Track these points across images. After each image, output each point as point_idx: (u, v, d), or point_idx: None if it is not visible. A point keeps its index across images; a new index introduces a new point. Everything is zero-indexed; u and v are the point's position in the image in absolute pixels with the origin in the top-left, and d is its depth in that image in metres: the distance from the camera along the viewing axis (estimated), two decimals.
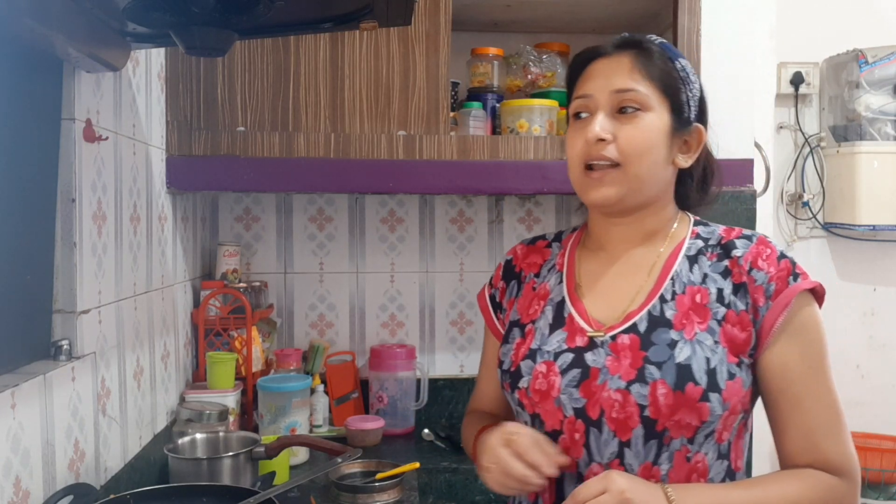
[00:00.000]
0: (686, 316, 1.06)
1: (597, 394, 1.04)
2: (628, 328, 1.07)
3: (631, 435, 1.03)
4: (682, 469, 1.04)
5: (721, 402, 1.01)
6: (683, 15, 1.88)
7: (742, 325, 1.05)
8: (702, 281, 1.08)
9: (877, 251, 2.67)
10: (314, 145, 1.82)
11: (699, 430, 1.03)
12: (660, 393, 1.01)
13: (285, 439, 1.59)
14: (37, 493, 1.12)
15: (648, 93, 1.09)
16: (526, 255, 1.27)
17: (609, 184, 1.08)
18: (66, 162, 1.26)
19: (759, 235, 1.10)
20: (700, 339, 1.04)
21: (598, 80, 1.11)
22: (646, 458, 1.03)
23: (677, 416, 1.01)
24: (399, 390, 2.14)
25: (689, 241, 1.13)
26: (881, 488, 2.43)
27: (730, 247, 1.09)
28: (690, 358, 1.02)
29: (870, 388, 2.68)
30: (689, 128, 1.12)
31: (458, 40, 1.96)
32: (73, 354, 1.26)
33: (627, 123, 1.08)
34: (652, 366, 1.03)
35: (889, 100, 2.50)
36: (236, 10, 1.12)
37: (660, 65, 1.11)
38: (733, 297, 1.06)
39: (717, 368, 1.02)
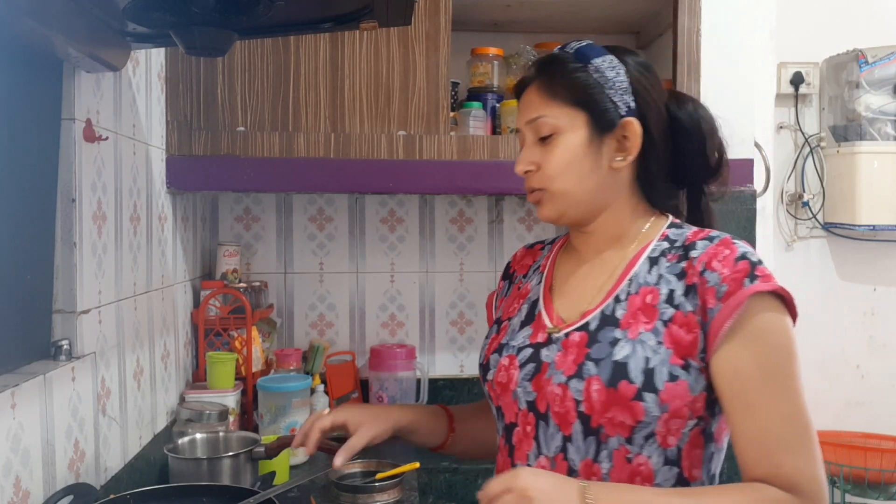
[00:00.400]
0: (634, 316, 1.05)
1: (544, 388, 1.07)
2: (581, 326, 1.09)
3: (572, 430, 1.05)
4: (623, 470, 1.03)
5: (658, 403, 0.99)
6: (683, 15, 1.88)
7: (688, 326, 1.02)
8: (656, 282, 1.07)
9: (877, 251, 2.67)
10: (314, 145, 1.82)
11: (636, 431, 1.01)
12: (593, 389, 1.02)
13: (285, 439, 1.58)
14: (37, 493, 1.12)
15: (557, 113, 1.10)
16: (522, 258, 1.31)
17: (544, 205, 1.14)
18: (66, 162, 1.26)
19: (724, 236, 1.06)
20: (643, 338, 1.03)
21: (520, 113, 1.16)
22: (586, 454, 1.04)
23: (610, 413, 1.01)
24: (399, 390, 2.14)
25: (655, 242, 1.12)
26: (881, 488, 2.43)
27: (689, 248, 1.07)
28: (629, 356, 1.02)
29: (870, 388, 2.69)
30: (613, 128, 1.10)
31: (458, 40, 1.96)
32: (73, 354, 1.26)
33: (547, 149, 1.12)
34: (590, 362, 1.04)
35: (889, 100, 2.50)
36: (236, 10, 1.12)
37: (566, 80, 1.11)
38: (683, 299, 1.03)
39: (657, 369, 1.00)
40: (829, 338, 2.66)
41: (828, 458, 2.43)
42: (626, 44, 2.34)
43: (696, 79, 1.89)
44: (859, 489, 2.45)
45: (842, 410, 2.66)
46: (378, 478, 1.62)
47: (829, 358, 2.66)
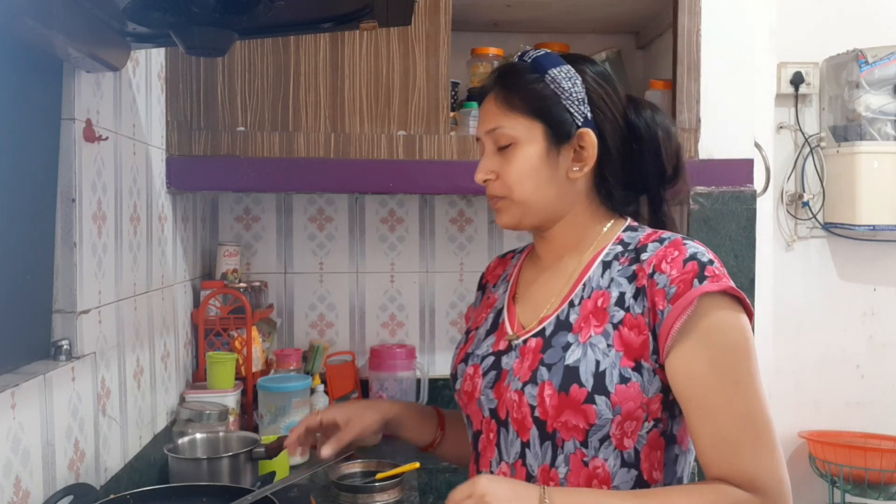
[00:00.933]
0: (585, 319, 1.06)
1: (504, 395, 1.09)
2: (538, 332, 1.10)
3: (529, 436, 1.05)
4: (580, 473, 1.03)
5: (609, 405, 1.00)
6: (683, 15, 1.88)
7: (638, 328, 1.02)
8: (608, 285, 1.08)
9: (877, 251, 2.67)
10: (314, 145, 1.82)
11: (589, 434, 1.02)
12: (546, 394, 1.03)
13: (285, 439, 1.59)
14: (37, 493, 1.12)
15: (514, 124, 1.11)
16: (495, 268, 1.32)
17: (503, 212, 1.15)
18: (66, 162, 1.26)
19: (675, 238, 1.06)
20: (593, 342, 1.03)
21: (479, 124, 1.16)
22: (543, 459, 1.04)
23: (563, 417, 1.02)
24: (399, 390, 2.14)
25: (610, 246, 1.12)
26: (881, 488, 2.43)
27: (640, 251, 1.07)
28: (579, 360, 1.02)
29: (870, 388, 2.68)
30: (570, 139, 1.11)
31: (458, 40, 1.96)
32: (73, 354, 1.26)
33: (505, 159, 1.12)
34: (543, 367, 1.04)
35: (889, 100, 2.50)
36: (236, 10, 1.12)
37: (523, 91, 1.11)
38: (633, 301, 1.04)
39: (607, 371, 1.00)
40: (829, 338, 2.66)
41: (827, 457, 2.46)
42: (626, 44, 2.35)
43: (696, 79, 1.89)
44: (859, 489, 2.45)
45: (842, 410, 2.66)
46: (378, 478, 1.62)
47: (829, 358, 2.66)
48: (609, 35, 2.33)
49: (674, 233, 1.11)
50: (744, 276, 1.86)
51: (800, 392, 2.65)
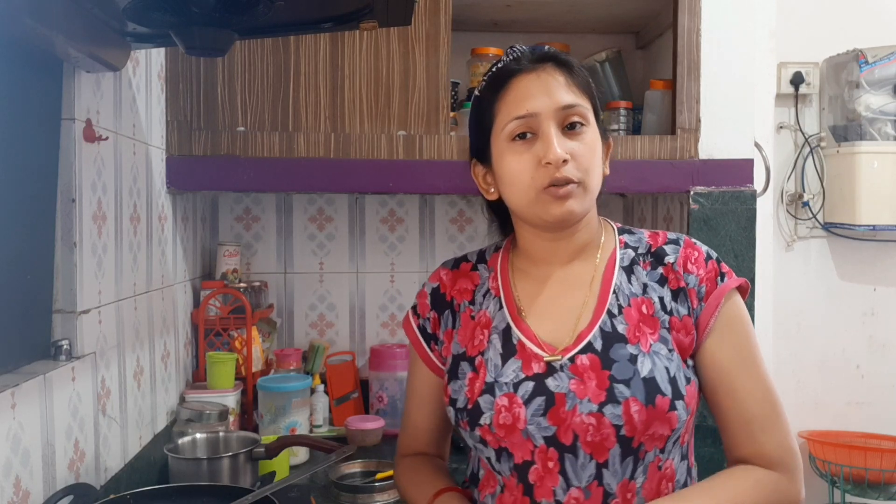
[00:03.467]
0: (637, 328, 1.05)
1: (567, 420, 1.02)
2: (584, 348, 1.05)
3: (608, 455, 1.02)
4: (654, 478, 1.04)
5: (685, 407, 1.03)
6: (683, 15, 1.88)
7: (686, 329, 1.07)
8: (643, 291, 1.08)
9: (877, 251, 2.67)
10: (314, 145, 1.82)
11: (669, 439, 1.04)
12: (633, 410, 1.00)
13: (285, 439, 1.59)
14: (37, 493, 1.12)
15: (587, 106, 1.08)
16: (454, 282, 1.20)
17: (574, 200, 1.05)
18: (66, 162, 1.26)
19: (684, 238, 1.12)
20: (655, 349, 1.04)
21: (539, 98, 1.05)
22: (623, 475, 1.03)
23: (651, 429, 1.01)
24: (399, 390, 2.14)
25: (619, 251, 1.12)
26: (881, 488, 2.43)
27: (661, 254, 1.10)
28: (653, 370, 1.02)
29: (870, 388, 2.68)
30: (606, 137, 1.13)
31: (458, 40, 1.96)
32: (73, 354, 1.26)
33: (577, 140, 1.06)
34: (619, 384, 1.01)
35: (889, 100, 2.50)
36: (236, 10, 1.12)
37: (582, 76, 1.10)
38: (674, 304, 1.07)
39: (676, 376, 1.04)
40: (829, 338, 2.66)
41: (828, 457, 2.46)
42: (626, 44, 2.35)
43: (696, 79, 1.89)
44: (859, 489, 2.45)
45: (842, 410, 2.66)
46: (378, 478, 1.62)
47: (829, 358, 2.66)
48: (609, 35, 2.33)
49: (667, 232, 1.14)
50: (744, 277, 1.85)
51: (800, 392, 2.65)
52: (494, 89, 1.09)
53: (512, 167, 1.07)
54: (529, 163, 1.05)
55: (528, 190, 1.06)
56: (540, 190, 1.05)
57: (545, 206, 1.06)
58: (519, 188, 1.07)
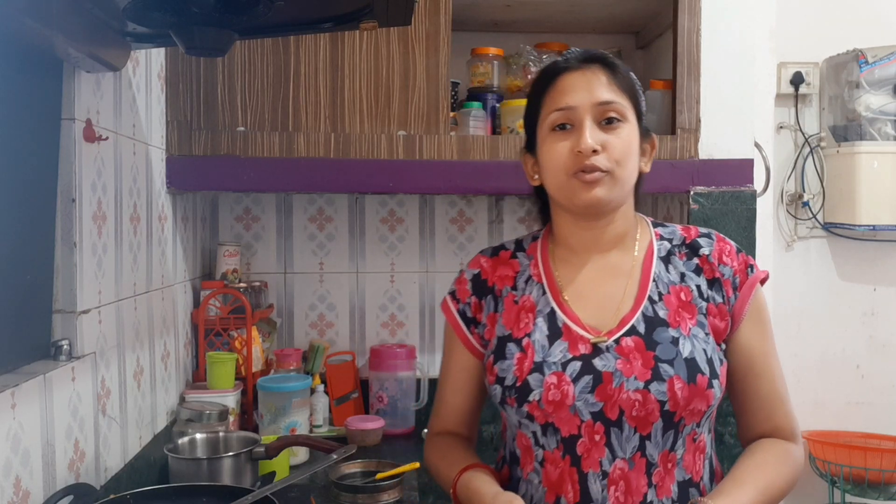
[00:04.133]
0: (677, 313, 1.17)
1: (614, 396, 1.12)
2: (628, 331, 1.15)
3: (651, 429, 1.12)
4: (690, 449, 1.16)
5: (720, 385, 1.15)
6: (683, 15, 1.88)
7: (721, 315, 1.18)
8: (681, 280, 1.20)
9: (877, 251, 2.67)
10: (314, 145, 1.82)
11: (705, 414, 1.15)
12: (677, 388, 1.11)
13: (285, 439, 1.59)
14: (37, 493, 1.12)
15: (626, 104, 1.17)
16: (494, 269, 1.28)
17: (601, 186, 1.14)
18: (66, 162, 1.26)
19: (714, 233, 1.24)
20: (694, 333, 1.15)
21: (580, 93, 1.16)
22: (664, 446, 1.14)
23: (692, 405, 1.12)
24: (399, 390, 2.14)
25: (656, 243, 1.23)
26: (881, 488, 2.43)
27: (695, 246, 1.22)
28: (693, 352, 1.13)
29: (870, 388, 2.68)
30: (648, 137, 1.22)
31: (458, 40, 1.96)
32: (73, 354, 1.26)
33: (612, 133, 1.15)
34: (664, 364, 1.12)
35: (889, 100, 2.50)
36: (236, 10, 1.12)
37: (627, 78, 1.19)
38: (710, 292, 1.19)
39: (713, 358, 1.15)
40: (829, 338, 2.66)
41: (828, 457, 2.46)
42: (626, 44, 2.35)
43: (696, 79, 1.89)
44: (859, 489, 2.45)
45: (842, 410, 2.66)
46: (378, 478, 1.62)
47: (829, 358, 2.66)
48: (609, 35, 2.33)
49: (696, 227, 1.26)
50: None
51: (800, 392, 2.64)
52: (543, 84, 1.21)
53: (550, 154, 1.18)
54: (565, 150, 1.16)
55: (560, 174, 1.17)
56: (570, 175, 1.15)
57: (574, 190, 1.16)
58: (553, 173, 1.18)
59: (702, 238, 1.22)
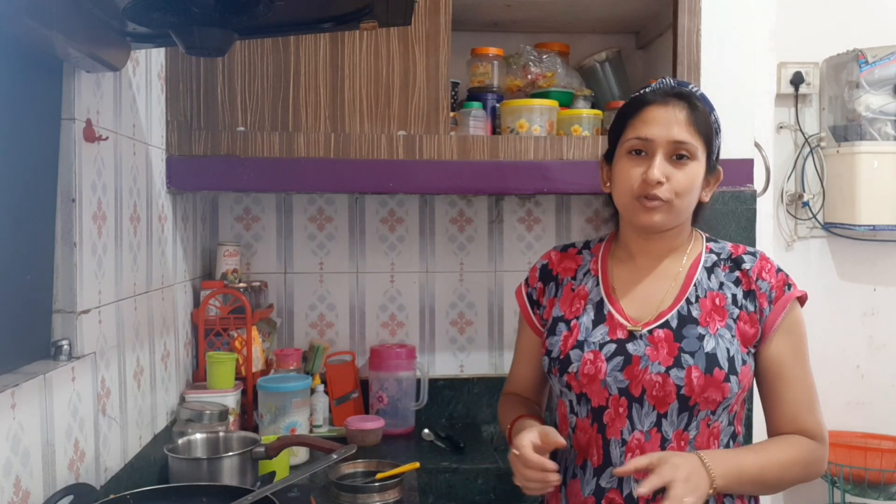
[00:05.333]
0: (709, 315, 1.32)
1: (639, 376, 1.29)
2: (662, 324, 1.32)
3: (668, 409, 1.28)
4: (704, 433, 1.30)
5: (738, 382, 1.28)
6: (683, 15, 1.88)
7: (752, 322, 1.32)
8: (719, 288, 1.35)
9: (877, 251, 2.67)
10: (314, 145, 1.82)
11: (721, 405, 1.29)
12: (694, 376, 1.27)
13: (285, 439, 1.59)
14: (37, 493, 1.12)
15: (697, 144, 1.31)
16: (560, 261, 1.48)
17: (659, 213, 1.31)
18: (66, 162, 1.26)
19: (760, 252, 1.38)
20: (721, 333, 1.30)
21: (659, 128, 1.30)
22: (678, 426, 1.29)
23: (706, 393, 1.27)
24: (399, 390, 2.14)
25: (705, 255, 1.39)
26: (881, 488, 2.43)
27: (739, 261, 1.37)
28: (716, 348, 1.29)
29: (870, 388, 2.68)
30: (714, 171, 1.37)
31: (458, 40, 1.96)
32: (73, 354, 1.26)
33: (679, 169, 1.30)
34: (686, 354, 1.28)
35: (889, 100, 2.50)
36: (236, 10, 1.12)
37: (704, 119, 1.33)
38: (745, 301, 1.33)
39: (735, 357, 1.29)
40: (829, 338, 2.65)
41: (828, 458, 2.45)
42: (627, 44, 2.35)
43: (696, 79, 1.89)
44: (859, 489, 2.45)
45: (842, 410, 2.66)
46: (378, 478, 1.63)
47: (829, 358, 2.66)
48: (609, 35, 2.33)
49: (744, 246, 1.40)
50: None
51: None
52: (632, 109, 1.35)
53: (622, 174, 1.34)
54: (636, 174, 1.31)
55: (627, 194, 1.33)
56: (635, 198, 1.32)
57: (636, 212, 1.32)
58: (622, 191, 1.34)
59: (746, 255, 1.37)
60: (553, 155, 1.88)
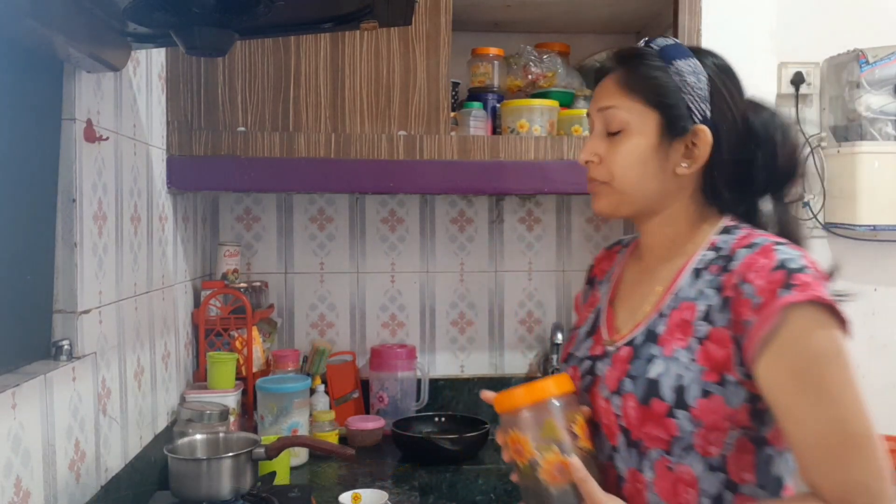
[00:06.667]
0: (671, 332, 1.05)
1: (595, 400, 1.11)
2: (629, 341, 1.10)
3: (617, 441, 1.08)
4: (666, 478, 1.03)
5: (690, 419, 1.00)
6: (683, 15, 1.88)
7: (721, 342, 1.01)
8: (696, 296, 1.06)
9: (877, 251, 2.67)
10: (314, 145, 1.82)
11: (672, 444, 1.02)
12: (629, 406, 1.04)
13: (285, 440, 1.59)
14: (37, 493, 1.12)
15: (630, 108, 1.09)
16: (601, 261, 1.32)
17: (599, 197, 1.14)
18: (67, 162, 1.26)
19: (766, 243, 1.02)
20: (677, 355, 1.03)
21: (593, 100, 1.15)
22: (630, 463, 1.06)
23: (646, 428, 1.03)
24: (399, 390, 2.14)
25: (703, 252, 1.09)
26: None
27: (731, 258, 1.04)
28: (661, 374, 1.02)
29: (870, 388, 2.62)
30: (685, 133, 1.08)
31: (458, 40, 1.96)
32: (74, 354, 1.26)
33: (612, 145, 1.11)
34: (628, 379, 1.06)
35: (890, 100, 2.49)
36: (237, 11, 1.12)
37: (647, 77, 1.09)
38: (718, 314, 1.02)
39: (689, 387, 1.00)
40: None
41: None
42: (627, 44, 2.34)
43: None
44: None
45: None
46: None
47: None
48: (609, 35, 2.33)
49: (768, 235, 1.06)
50: None
51: None
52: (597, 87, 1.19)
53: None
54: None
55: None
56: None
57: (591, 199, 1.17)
58: None
59: (744, 249, 1.03)
60: (553, 155, 1.88)
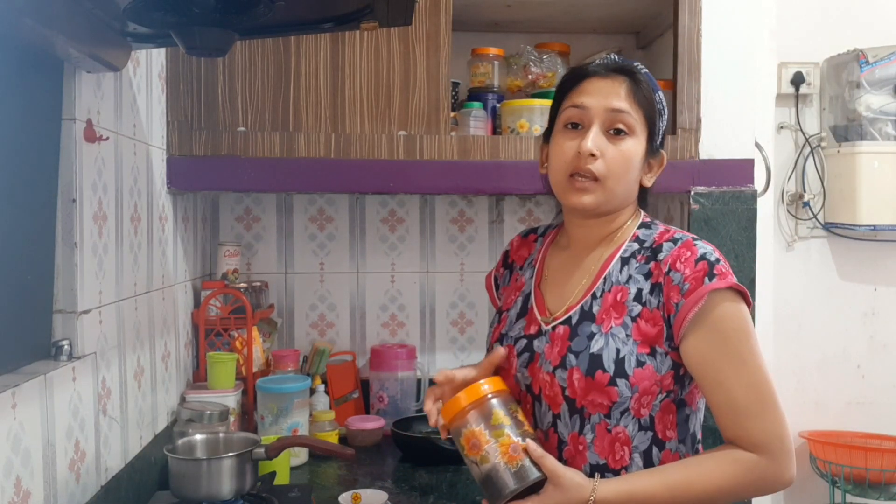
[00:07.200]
0: (607, 312, 1.21)
1: (537, 375, 1.24)
2: (565, 320, 1.24)
3: (560, 410, 1.21)
4: (604, 438, 1.19)
5: (629, 386, 1.17)
6: (683, 15, 1.88)
7: (654, 320, 1.18)
8: (626, 281, 1.22)
9: (877, 251, 2.67)
10: (314, 145, 1.82)
11: (612, 408, 1.18)
12: (575, 378, 1.19)
13: (285, 440, 1.59)
14: (37, 493, 1.12)
15: (637, 118, 1.22)
16: (518, 248, 1.43)
17: (589, 194, 1.22)
18: (67, 162, 1.26)
19: (686, 239, 1.21)
20: (614, 332, 1.19)
21: (596, 97, 1.22)
22: (573, 428, 1.21)
23: (590, 396, 1.18)
24: (399, 390, 2.14)
25: (628, 243, 1.26)
26: (881, 488, 2.43)
27: (657, 250, 1.22)
28: (602, 349, 1.18)
29: (870, 388, 2.68)
30: (657, 154, 1.28)
31: (458, 40, 1.96)
32: (74, 354, 1.26)
33: (615, 144, 1.21)
34: (572, 354, 1.20)
35: (890, 100, 2.50)
36: (237, 11, 1.12)
37: (647, 94, 1.24)
38: (649, 297, 1.19)
39: (626, 358, 1.17)
40: (829, 338, 2.65)
41: (828, 458, 2.46)
42: (627, 44, 2.35)
43: (696, 79, 1.89)
44: (860, 489, 2.45)
45: (842, 410, 2.66)
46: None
47: (829, 358, 2.66)
48: (609, 35, 2.33)
49: (684, 232, 1.24)
50: (744, 277, 1.86)
51: (800, 392, 2.65)
52: (570, 82, 1.27)
53: (557, 149, 1.25)
54: (570, 148, 1.22)
55: (559, 172, 1.24)
56: (567, 176, 1.23)
57: (566, 192, 1.24)
58: (555, 169, 1.26)
59: (668, 243, 1.22)
60: None
